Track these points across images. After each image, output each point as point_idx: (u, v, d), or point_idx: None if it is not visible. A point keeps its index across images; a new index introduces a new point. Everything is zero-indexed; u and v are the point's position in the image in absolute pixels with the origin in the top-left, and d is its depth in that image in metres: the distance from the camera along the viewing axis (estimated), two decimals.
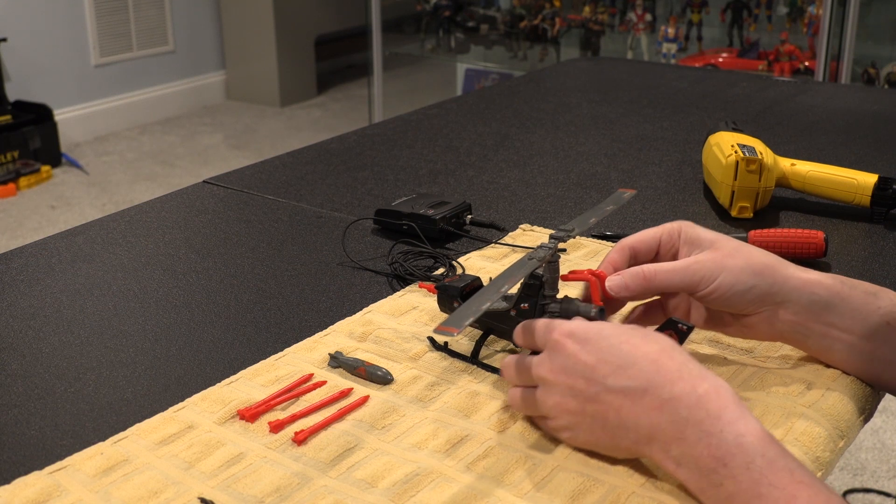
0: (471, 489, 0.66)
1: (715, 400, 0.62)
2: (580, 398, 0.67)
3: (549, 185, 1.27)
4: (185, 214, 1.18)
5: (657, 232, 0.79)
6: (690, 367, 0.64)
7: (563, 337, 0.68)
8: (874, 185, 1.12)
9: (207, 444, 0.70)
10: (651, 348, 0.66)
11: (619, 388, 0.65)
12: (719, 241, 0.77)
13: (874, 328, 0.75)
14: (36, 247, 1.07)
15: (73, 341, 0.86)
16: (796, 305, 0.75)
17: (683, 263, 0.76)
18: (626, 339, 0.67)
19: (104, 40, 4.45)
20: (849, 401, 0.76)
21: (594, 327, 0.68)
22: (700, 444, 0.61)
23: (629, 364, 0.65)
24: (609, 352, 0.66)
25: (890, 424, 2.30)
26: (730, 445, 0.60)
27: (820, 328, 0.76)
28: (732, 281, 0.74)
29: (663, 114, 1.61)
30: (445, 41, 3.90)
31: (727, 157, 1.12)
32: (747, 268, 0.75)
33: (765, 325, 0.77)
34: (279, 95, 4.96)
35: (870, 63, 3.14)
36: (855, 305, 0.75)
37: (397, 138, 1.48)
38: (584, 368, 0.67)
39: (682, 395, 0.63)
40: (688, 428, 0.62)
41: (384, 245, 1.06)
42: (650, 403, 0.64)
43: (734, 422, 0.61)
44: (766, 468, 0.59)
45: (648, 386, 0.64)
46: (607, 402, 0.66)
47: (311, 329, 0.88)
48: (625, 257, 0.79)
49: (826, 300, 0.75)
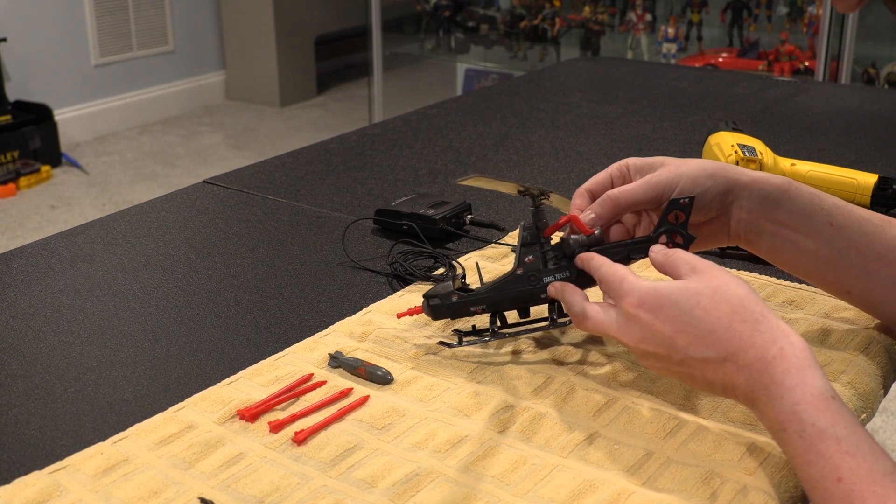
0: (471, 489, 0.66)
1: (781, 364, 0.65)
2: (665, 361, 0.70)
3: (549, 185, 1.27)
4: (185, 214, 1.18)
5: (607, 171, 0.84)
6: (762, 329, 0.67)
7: (635, 308, 0.71)
8: (874, 185, 1.12)
9: (207, 444, 0.70)
10: (722, 311, 0.68)
11: (700, 357, 0.68)
12: (667, 159, 0.82)
13: (817, 228, 0.80)
14: (36, 247, 1.07)
15: (73, 341, 0.86)
16: (748, 202, 0.80)
17: (643, 180, 0.81)
18: (697, 301, 0.69)
19: (104, 40, 4.45)
20: (848, 401, 0.76)
21: (663, 292, 0.70)
22: (768, 407, 0.65)
23: (706, 333, 0.68)
24: (683, 320, 0.69)
25: (890, 424, 2.30)
26: (787, 413, 0.64)
27: (770, 227, 0.81)
28: (692, 185, 0.79)
29: (663, 114, 1.61)
30: (445, 41, 3.90)
31: (727, 157, 1.12)
32: (702, 171, 0.80)
33: (723, 229, 0.82)
34: (279, 95, 4.96)
35: (870, 63, 3.14)
36: (801, 203, 0.80)
37: (397, 138, 1.48)
38: (663, 339, 0.70)
39: (753, 362, 0.66)
40: (758, 391, 0.66)
41: (384, 245, 1.06)
42: (730, 369, 0.67)
43: (793, 388, 0.64)
44: (816, 437, 0.62)
45: (726, 355, 0.67)
46: (692, 366, 0.69)
47: (311, 329, 0.88)
48: (586, 200, 0.83)
49: (775, 197, 0.80)
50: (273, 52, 4.89)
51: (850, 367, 0.80)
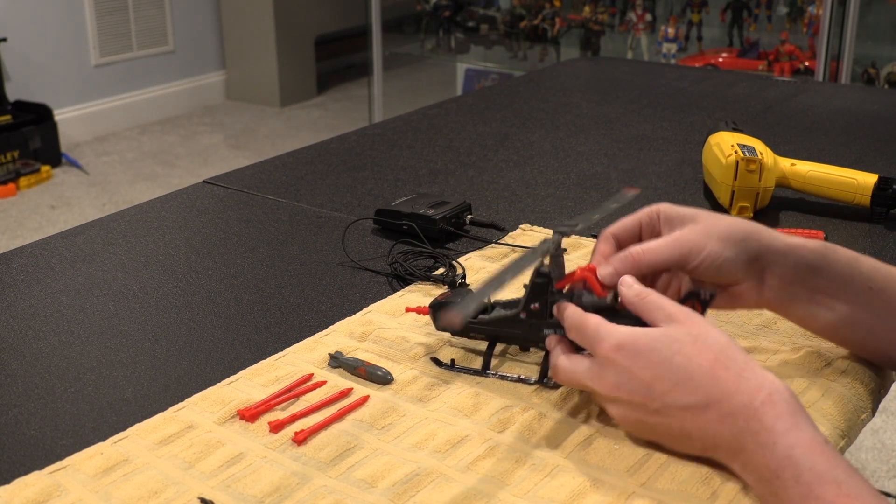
0: (471, 489, 0.66)
1: (770, 410, 0.62)
2: (641, 411, 0.67)
3: (549, 185, 1.27)
4: (185, 214, 1.18)
5: (637, 216, 0.80)
6: (747, 376, 0.64)
7: (613, 352, 0.68)
8: (874, 185, 1.12)
9: (207, 444, 0.70)
10: (705, 358, 0.65)
11: (679, 405, 0.65)
12: (699, 214, 0.78)
13: (855, 293, 0.76)
14: (36, 247, 1.07)
15: (73, 341, 0.86)
16: (782, 269, 0.76)
17: (669, 238, 0.76)
18: (678, 349, 0.66)
19: (104, 40, 4.45)
20: (848, 401, 0.76)
21: (643, 338, 0.67)
22: (756, 454, 0.62)
23: (685, 379, 0.65)
24: (663, 366, 0.66)
25: (890, 424, 2.30)
26: (781, 458, 0.61)
27: (805, 293, 0.77)
28: (720, 249, 0.75)
29: (663, 114, 1.61)
30: (445, 41, 3.90)
31: (727, 157, 1.12)
32: (732, 235, 0.75)
33: (752, 293, 0.78)
34: (279, 95, 4.96)
35: (870, 63, 3.14)
36: (838, 269, 0.76)
37: (397, 138, 1.48)
38: (640, 386, 0.67)
39: (740, 409, 0.63)
40: (746, 439, 0.63)
41: (384, 245, 1.06)
42: (712, 417, 0.64)
43: (786, 433, 0.61)
44: (814, 481, 0.59)
45: (708, 402, 0.64)
46: (670, 416, 0.66)
47: (311, 329, 0.88)
48: (611, 246, 0.79)
49: (811, 263, 0.76)
50: (273, 52, 4.89)
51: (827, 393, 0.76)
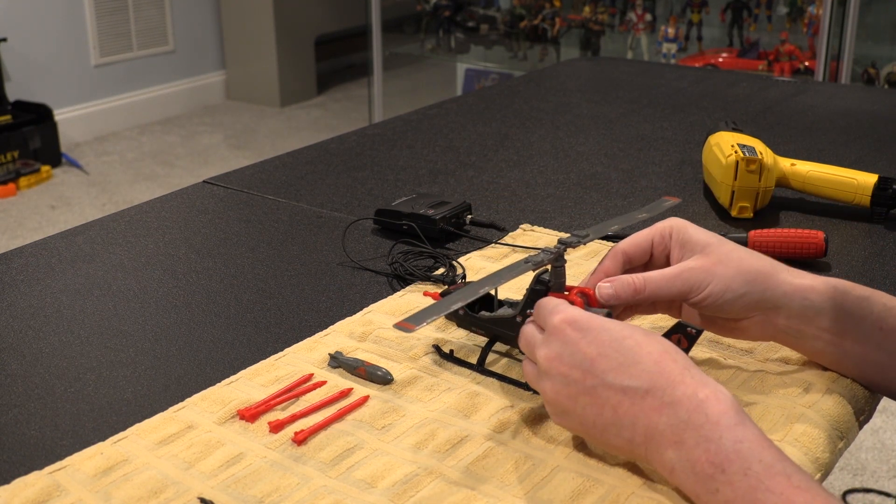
0: (471, 489, 0.66)
1: (715, 405, 0.61)
2: (574, 388, 0.66)
3: (549, 185, 1.27)
4: (185, 214, 1.18)
5: (649, 234, 0.78)
6: (693, 371, 0.64)
7: (564, 323, 0.67)
8: (874, 185, 1.12)
9: (207, 444, 0.71)
10: (654, 348, 0.65)
11: (619, 386, 0.64)
12: (710, 245, 0.76)
13: (866, 333, 0.75)
14: (36, 247, 1.07)
15: (73, 341, 0.86)
16: (788, 311, 0.75)
17: (673, 272, 0.75)
18: (629, 334, 0.66)
19: (104, 40, 4.45)
20: (848, 402, 0.76)
21: (597, 319, 0.67)
22: (698, 448, 0.60)
23: (632, 362, 0.64)
24: (611, 346, 0.65)
25: (890, 424, 2.30)
26: (728, 451, 0.59)
27: (812, 331, 0.75)
28: (723, 289, 0.74)
29: (663, 114, 1.61)
30: (445, 41, 3.90)
31: (727, 157, 1.12)
32: (738, 275, 0.74)
33: (757, 329, 0.77)
34: (279, 95, 4.96)
35: (870, 63, 3.14)
36: (847, 310, 0.74)
37: (397, 138, 1.48)
38: (583, 359, 0.65)
39: (683, 399, 0.62)
40: (686, 432, 0.61)
41: (384, 245, 1.06)
42: (650, 405, 0.63)
43: (732, 427, 0.60)
44: (764, 473, 0.58)
45: (650, 387, 0.63)
46: (604, 397, 0.64)
47: (311, 329, 0.88)
48: (618, 263, 0.78)
49: (818, 306, 0.74)
50: (273, 52, 4.89)
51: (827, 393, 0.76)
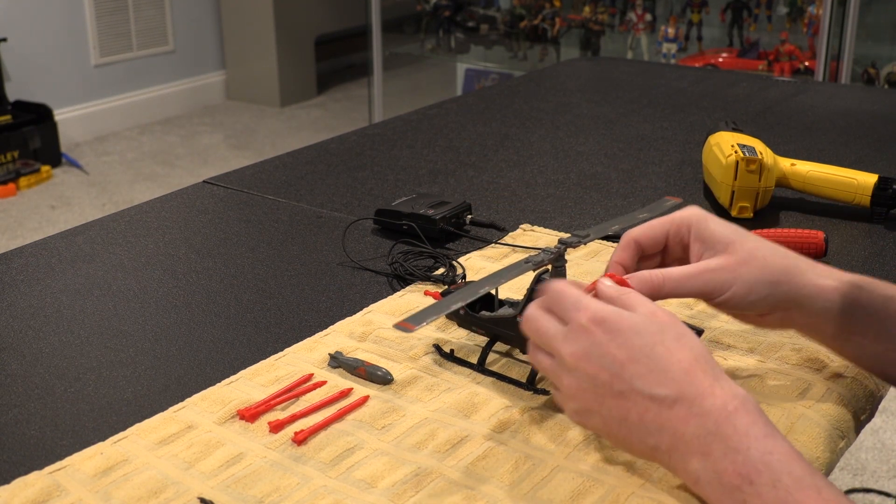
0: (471, 489, 0.66)
1: (744, 416, 0.61)
2: (602, 390, 0.64)
3: (549, 185, 1.27)
4: (185, 214, 1.18)
5: (664, 225, 0.76)
6: (722, 382, 0.62)
7: (592, 323, 0.64)
8: (874, 185, 1.12)
9: (207, 444, 0.70)
10: (685, 355, 0.63)
11: (647, 393, 0.62)
12: (734, 243, 0.74)
13: (889, 331, 0.74)
14: (36, 247, 1.07)
15: (73, 341, 0.86)
16: (810, 310, 0.74)
17: (695, 271, 0.73)
18: (661, 339, 0.64)
19: (104, 40, 4.45)
20: (848, 401, 0.76)
21: (627, 320, 0.64)
22: (725, 460, 0.60)
23: (661, 370, 0.62)
24: (641, 351, 0.63)
25: (890, 424, 2.30)
26: (756, 463, 0.59)
27: (833, 330, 0.75)
28: (746, 291, 0.72)
29: (663, 114, 1.61)
30: (445, 41, 3.90)
31: (727, 157, 1.12)
32: (762, 277, 0.72)
33: (777, 323, 0.76)
34: (279, 95, 4.96)
35: (870, 63, 3.14)
36: (870, 311, 0.74)
37: (397, 138, 1.48)
38: (613, 362, 0.63)
39: (712, 410, 0.61)
40: (714, 443, 0.60)
41: (384, 245, 1.06)
42: (678, 414, 0.62)
43: (761, 438, 0.59)
44: (793, 486, 0.57)
45: (679, 397, 0.62)
46: (632, 401, 0.63)
47: (311, 329, 0.88)
48: (631, 253, 0.76)
49: (841, 307, 0.74)
50: (273, 52, 4.89)
51: (827, 393, 0.76)
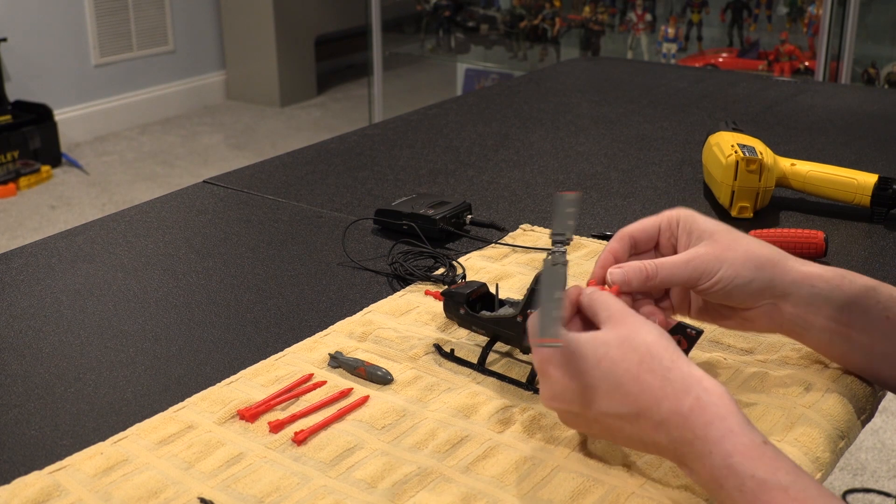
0: (471, 489, 0.66)
1: (700, 416, 0.61)
2: (581, 419, 0.67)
3: (549, 185, 1.27)
4: (185, 214, 1.18)
5: (656, 221, 0.78)
6: (672, 378, 0.62)
7: (544, 364, 0.67)
8: (874, 185, 1.12)
9: (207, 444, 0.70)
10: (630, 362, 0.64)
11: (613, 414, 0.64)
12: (718, 232, 0.76)
13: (873, 322, 0.75)
14: (36, 247, 1.07)
15: (73, 341, 0.86)
16: (796, 298, 0.75)
17: (683, 258, 0.75)
18: (604, 353, 0.64)
19: (104, 40, 4.45)
20: (848, 401, 0.76)
21: (571, 345, 0.66)
22: (697, 464, 0.61)
23: (614, 387, 0.64)
24: (590, 374, 0.64)
25: (890, 424, 2.30)
26: (720, 468, 0.59)
27: (820, 321, 0.75)
28: (732, 275, 0.73)
29: (663, 114, 1.61)
30: (445, 41, 3.90)
31: (727, 157, 1.12)
32: (748, 261, 0.74)
33: (765, 319, 0.77)
34: (279, 95, 4.96)
35: (870, 63, 3.14)
36: (854, 299, 0.74)
37: (397, 138, 1.48)
38: (573, 395, 0.65)
39: (669, 416, 0.62)
40: (681, 449, 0.62)
41: (384, 245, 1.06)
42: (646, 425, 0.63)
43: (720, 440, 0.60)
44: (758, 489, 0.58)
45: (639, 410, 0.63)
46: (606, 424, 0.65)
47: (311, 329, 0.88)
48: (625, 246, 0.77)
49: (826, 294, 0.74)
50: (273, 52, 4.89)
51: (827, 393, 0.76)
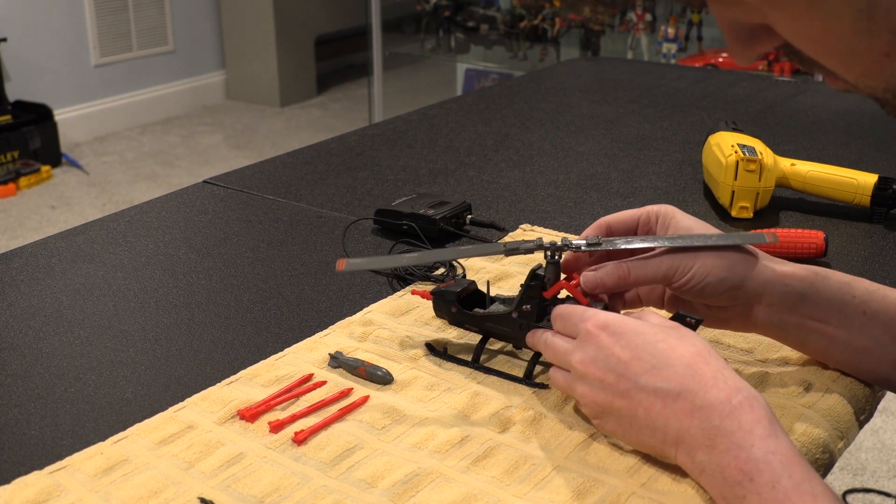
0: (471, 489, 0.66)
1: (748, 412, 0.62)
2: (609, 392, 0.67)
3: (549, 185, 1.27)
4: (185, 214, 1.18)
5: (636, 214, 0.79)
6: (726, 375, 0.64)
7: (597, 328, 0.68)
8: (874, 185, 1.12)
9: (207, 444, 0.71)
10: (687, 350, 0.65)
11: (651, 388, 0.65)
12: (694, 229, 0.77)
13: (849, 317, 0.75)
14: (36, 247, 1.07)
15: (73, 341, 0.86)
16: (770, 297, 0.75)
17: (657, 254, 0.76)
18: (663, 338, 0.66)
19: (104, 40, 4.45)
20: (848, 401, 0.76)
21: (630, 322, 0.68)
22: (728, 454, 0.61)
23: (664, 365, 0.65)
24: (644, 349, 0.66)
25: (890, 424, 2.30)
26: (758, 461, 0.60)
27: (796, 320, 0.76)
28: (705, 273, 0.74)
29: (663, 114, 1.61)
30: (445, 41, 3.90)
31: (727, 157, 1.12)
32: (720, 260, 0.74)
33: (740, 318, 0.77)
34: (279, 95, 4.96)
35: None
36: (829, 295, 0.75)
37: (397, 138, 1.48)
38: (617, 363, 0.66)
39: (715, 403, 0.62)
40: (718, 437, 0.62)
41: (384, 245, 1.06)
42: (682, 407, 0.63)
43: (766, 437, 0.60)
44: (792, 490, 0.58)
45: (682, 390, 0.63)
46: (637, 399, 0.65)
47: (311, 329, 0.88)
48: (601, 233, 0.79)
49: (800, 291, 0.75)
50: (273, 52, 4.89)
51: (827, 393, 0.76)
